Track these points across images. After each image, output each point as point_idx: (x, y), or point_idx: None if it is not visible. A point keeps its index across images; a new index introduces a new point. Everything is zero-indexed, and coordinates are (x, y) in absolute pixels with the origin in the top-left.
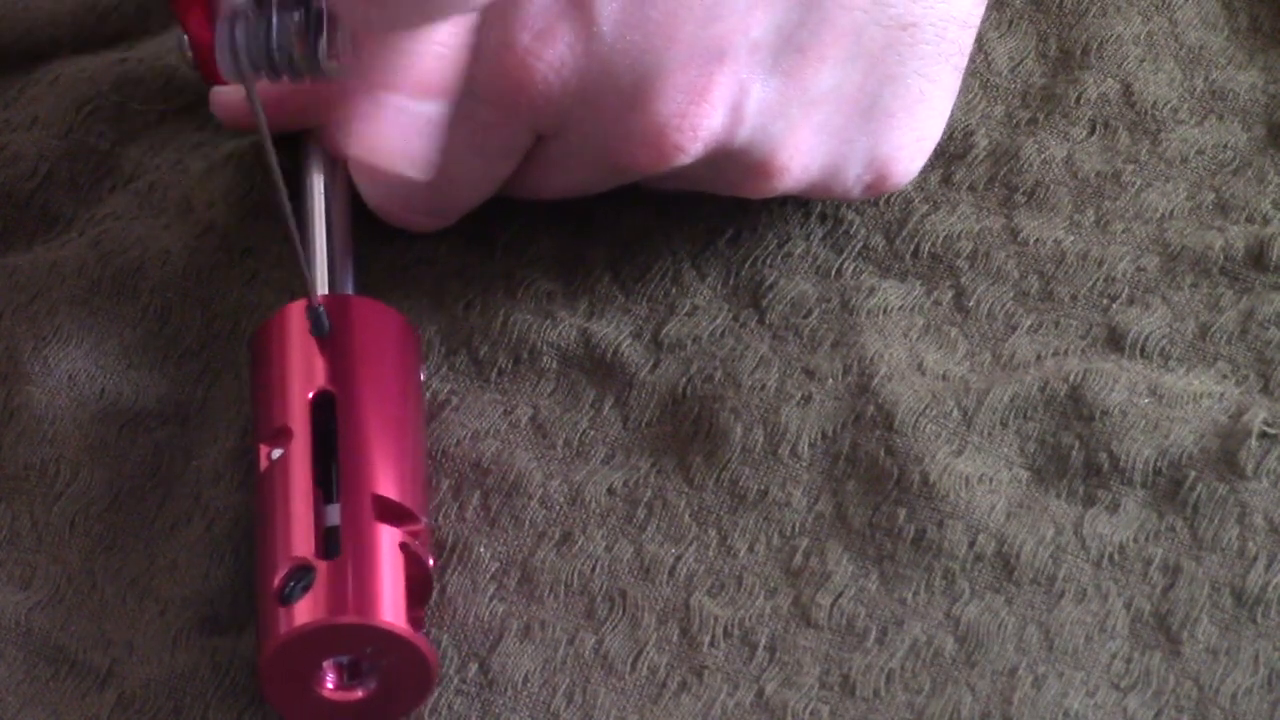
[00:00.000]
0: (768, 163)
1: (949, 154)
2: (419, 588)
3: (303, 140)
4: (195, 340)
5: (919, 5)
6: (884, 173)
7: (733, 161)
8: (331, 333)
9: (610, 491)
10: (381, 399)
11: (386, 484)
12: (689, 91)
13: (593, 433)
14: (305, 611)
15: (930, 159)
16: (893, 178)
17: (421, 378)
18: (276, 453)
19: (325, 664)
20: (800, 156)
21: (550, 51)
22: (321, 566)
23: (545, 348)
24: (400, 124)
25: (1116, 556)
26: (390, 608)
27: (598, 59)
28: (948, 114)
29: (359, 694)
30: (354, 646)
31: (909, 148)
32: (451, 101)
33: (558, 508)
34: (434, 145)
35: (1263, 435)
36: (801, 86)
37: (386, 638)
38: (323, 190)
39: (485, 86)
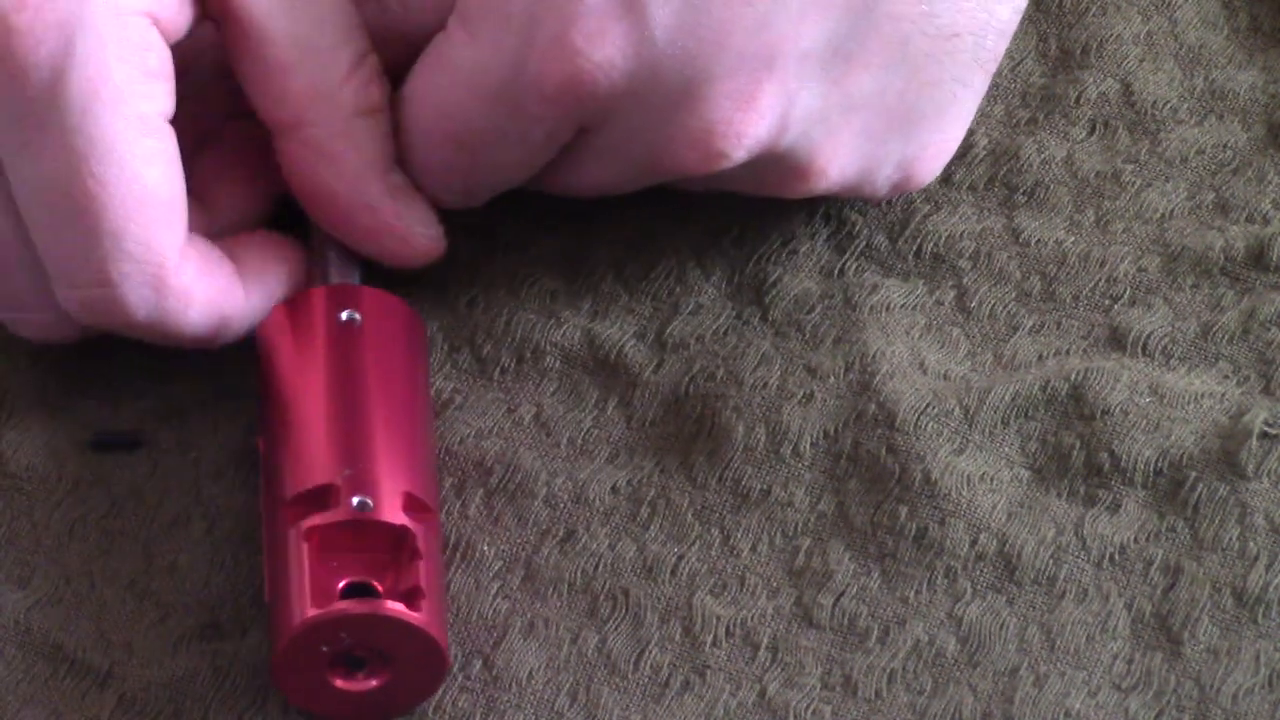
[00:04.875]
0: (807, 166)
1: None
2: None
3: None
4: None
5: (963, 15)
6: (910, 173)
7: (772, 165)
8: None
9: (614, 490)
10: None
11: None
12: (737, 99)
13: (596, 432)
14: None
15: None
16: (918, 177)
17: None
18: None
19: (338, 654)
20: (838, 160)
21: (601, 53)
22: None
23: (549, 347)
24: None
25: (1117, 557)
26: None
27: (647, 63)
28: (973, 116)
29: (372, 684)
30: (367, 636)
31: (935, 147)
32: None
33: (561, 506)
34: None
35: (1263, 435)
36: (844, 92)
37: (399, 627)
38: None
39: (534, 81)
